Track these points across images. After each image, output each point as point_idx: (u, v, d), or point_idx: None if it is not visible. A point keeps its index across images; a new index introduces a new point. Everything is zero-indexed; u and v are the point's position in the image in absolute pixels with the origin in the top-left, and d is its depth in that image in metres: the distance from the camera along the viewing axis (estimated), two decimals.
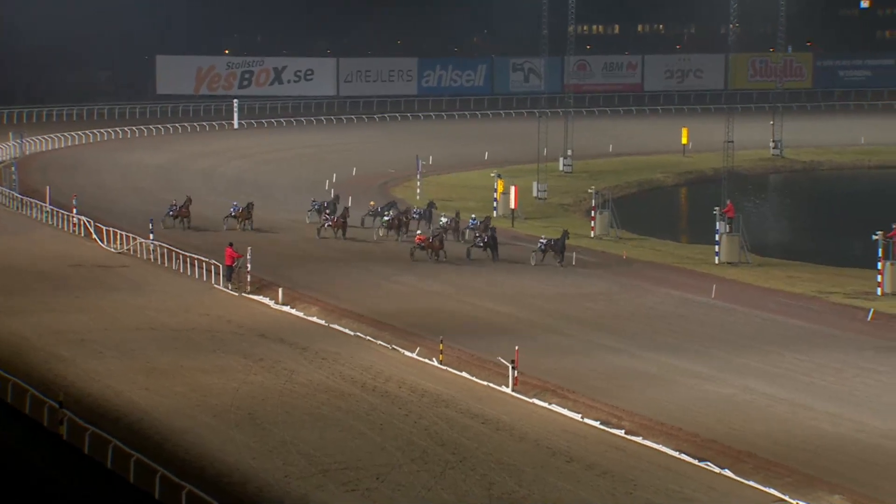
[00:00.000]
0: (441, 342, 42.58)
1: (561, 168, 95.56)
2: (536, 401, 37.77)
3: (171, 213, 65.37)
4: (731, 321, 48.18)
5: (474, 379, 40.14)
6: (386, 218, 64.26)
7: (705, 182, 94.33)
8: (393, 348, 43.80)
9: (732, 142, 72.31)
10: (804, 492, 29.76)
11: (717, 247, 61.88)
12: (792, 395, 38.02)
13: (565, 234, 58.57)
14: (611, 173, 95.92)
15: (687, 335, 46.12)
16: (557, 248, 57.60)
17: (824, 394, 38.28)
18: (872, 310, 49.94)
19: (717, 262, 61.06)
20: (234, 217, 65.27)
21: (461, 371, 40.98)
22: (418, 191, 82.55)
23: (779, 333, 46.04)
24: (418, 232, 60.53)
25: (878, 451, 32.80)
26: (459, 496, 29.52)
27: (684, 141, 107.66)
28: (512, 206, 73.46)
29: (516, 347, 40.21)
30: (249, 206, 65.83)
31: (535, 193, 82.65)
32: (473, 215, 64.41)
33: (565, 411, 36.68)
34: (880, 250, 53.65)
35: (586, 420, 35.85)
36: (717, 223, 61.83)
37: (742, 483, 30.61)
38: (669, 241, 71.26)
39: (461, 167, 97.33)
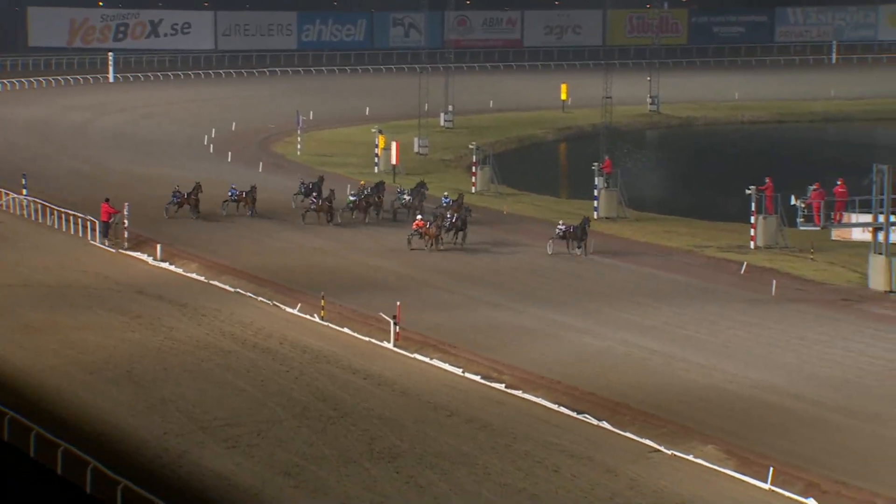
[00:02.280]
0: (322, 298, 42.46)
1: (442, 124, 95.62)
2: (418, 356, 37.91)
3: (175, 200, 56.83)
4: (609, 275, 48.79)
5: (356, 335, 40.13)
6: (352, 198, 57.89)
7: (584, 138, 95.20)
8: (274, 304, 43.58)
9: (611, 98, 73.05)
10: (678, 442, 30.34)
11: (595, 202, 62.55)
12: (667, 348, 38.67)
13: (586, 221, 52.26)
14: (491, 129, 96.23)
15: (566, 289, 46.59)
16: (578, 234, 51.73)
17: (699, 346, 39.01)
18: (745, 263, 50.95)
19: (595, 216, 61.66)
20: (235, 201, 57.78)
21: (343, 327, 40.93)
22: (299, 146, 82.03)
23: (655, 287, 46.75)
24: (418, 217, 52.86)
25: (749, 402, 33.56)
26: (341, 451, 29.57)
27: (563, 97, 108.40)
28: (393, 161, 73.38)
29: (398, 303, 40.26)
30: (253, 190, 58.22)
31: (416, 149, 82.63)
32: (446, 193, 59.37)
33: (446, 366, 36.87)
34: (753, 204, 54.67)
35: (467, 374, 36.08)
36: (596, 178, 62.48)
37: (619, 434, 31.10)
38: (549, 196, 71.88)
39: (342, 122, 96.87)
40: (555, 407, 33.22)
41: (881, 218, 47.49)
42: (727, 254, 53.60)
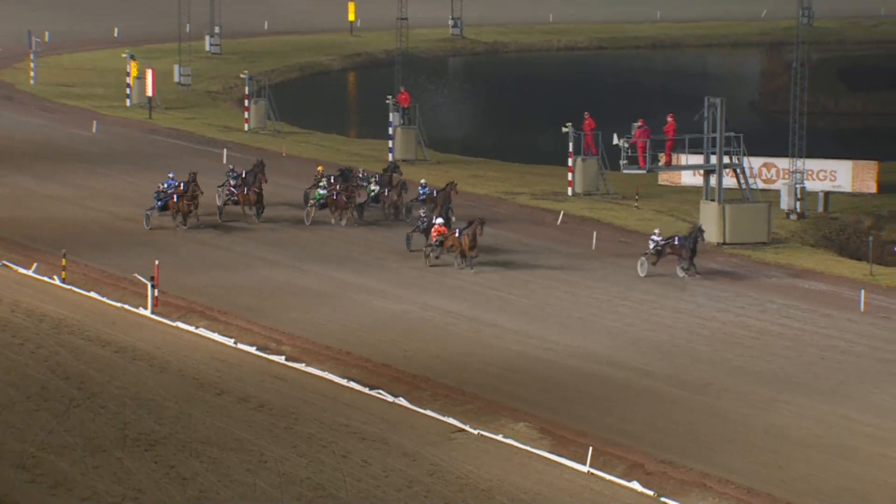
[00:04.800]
0: (64, 256, 41.68)
1: (207, 48, 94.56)
2: (181, 324, 37.57)
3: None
4: (407, 228, 49.04)
5: (105, 300, 39.55)
6: (321, 191, 49.62)
7: (376, 66, 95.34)
8: (3, 264, 42.65)
9: (406, 19, 73.22)
10: (486, 420, 30.76)
11: (390, 142, 62.74)
12: (475, 312, 39.10)
13: (699, 233, 43.75)
14: (267, 55, 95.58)
15: (356, 245, 46.66)
16: (685, 250, 43.23)
17: (511, 309, 39.56)
18: (562, 212, 51.81)
19: (391, 159, 61.83)
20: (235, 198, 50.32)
21: (89, 291, 40.29)
22: (33, 74, 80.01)
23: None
24: (436, 221, 44.70)
25: (565, 371, 34.22)
26: (87, 438, 29.15)
27: (351, 17, 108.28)
28: (149, 93, 72.24)
29: (156, 262, 39.76)
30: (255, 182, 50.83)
31: (176, 78, 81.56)
32: (423, 180, 51.07)
33: (215, 336, 36.63)
34: (570, 144, 55.51)
35: (240, 345, 35.92)
36: (391, 115, 62.64)
37: (418, 413, 31.38)
38: (337, 135, 71.84)
39: (86, 46, 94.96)
40: (343, 382, 33.31)
41: (713, 159, 48.78)
42: (541, 202, 54.43)
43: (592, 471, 28.16)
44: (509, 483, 27.48)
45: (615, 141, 49.02)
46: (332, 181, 49.91)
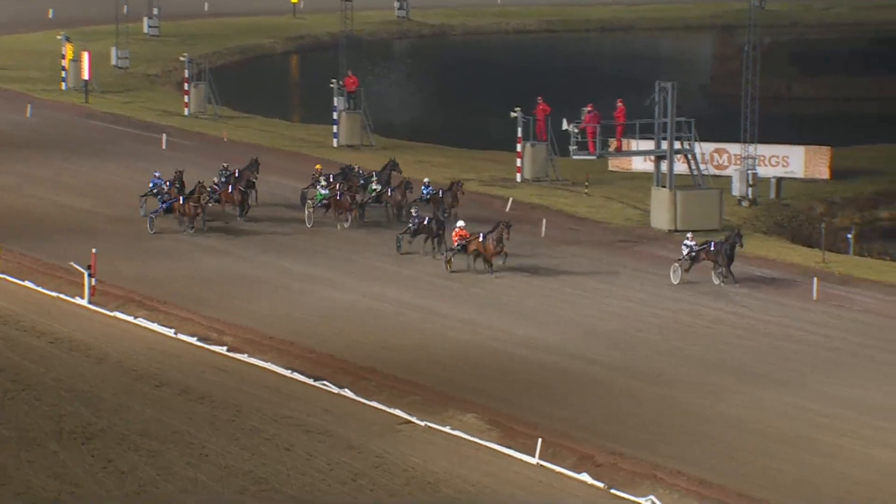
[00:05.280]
0: None
1: (146, 30, 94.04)
2: (119, 314, 37.37)
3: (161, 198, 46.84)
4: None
5: (40, 289, 39.30)
6: (323, 191, 47.32)
7: (321, 49, 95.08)
8: None
9: (351, 1, 72.89)
10: (434, 411, 30.74)
11: (335, 127, 62.57)
12: (424, 301, 39.09)
13: (737, 237, 41.85)
14: (207, 38, 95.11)
15: (302, 233, 46.53)
16: (721, 256, 41.56)
17: (461, 298, 39.57)
18: (511, 199, 51.84)
19: (335, 144, 61.76)
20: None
21: (24, 280, 40.03)
22: None
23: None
24: (458, 225, 43.17)
25: (515, 361, 34.26)
26: (21, 431, 28.95)
27: (294, 0, 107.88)
28: (85, 76, 71.77)
29: (93, 250, 39.52)
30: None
31: (113, 61, 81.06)
32: (427, 180, 49.23)
33: (155, 326, 36.46)
34: (520, 130, 55.52)
35: (180, 336, 35.76)
36: (336, 99, 62.46)
37: (363, 404, 31.33)
38: (279, 119, 71.59)
39: (18, 28, 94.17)
40: (287, 373, 33.23)
41: (664, 145, 48.91)
42: (490, 188, 54.44)
43: (542, 463, 28.20)
44: (456, 475, 27.49)
45: (564, 126, 49.07)
46: (332, 180, 47.82)
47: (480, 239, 41.61)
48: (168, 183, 46.69)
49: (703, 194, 48.93)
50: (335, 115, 62.44)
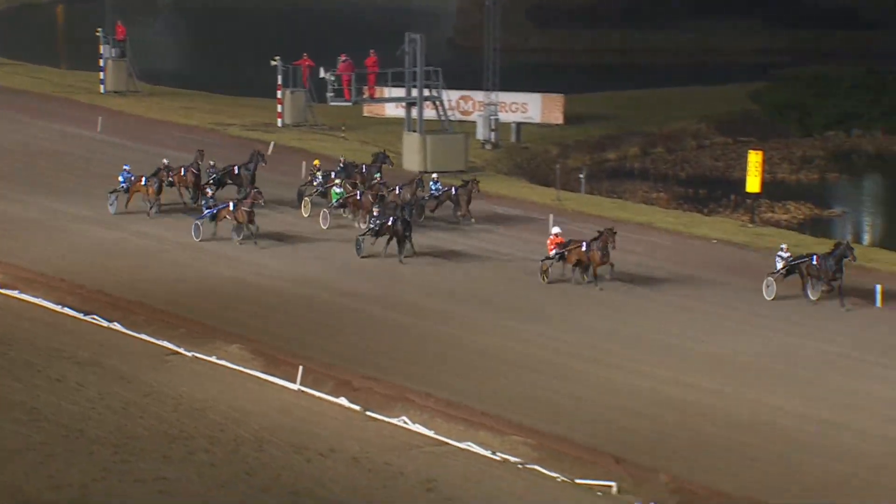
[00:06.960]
0: None
1: None
2: None
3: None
4: (122, 157, 47.77)
5: None
6: (337, 190, 41.34)
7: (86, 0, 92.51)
8: None
9: None
10: (200, 343, 30.26)
11: (101, 74, 61.04)
12: (189, 239, 38.39)
13: (846, 249, 34.61)
14: None
15: (73, 173, 45.34)
16: (825, 272, 34.74)
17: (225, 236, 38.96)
18: (273, 143, 51.30)
19: (102, 91, 60.29)
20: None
21: None
22: None
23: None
24: (553, 232, 36.90)
25: (276, 294, 33.90)
26: None
27: None
28: None
29: None
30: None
31: None
32: (435, 176, 43.17)
33: None
34: (280, 77, 54.99)
35: None
36: (102, 47, 60.89)
37: (133, 337, 30.68)
38: (48, 66, 69.56)
39: None
40: (58, 308, 32.36)
41: (415, 92, 48.97)
42: (252, 132, 53.79)
43: (302, 388, 28.04)
44: (222, 402, 27.13)
45: (321, 74, 48.89)
46: (333, 176, 42.13)
47: (584, 248, 35.86)
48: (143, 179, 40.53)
49: (450, 138, 49.20)
50: (101, 63, 60.86)
